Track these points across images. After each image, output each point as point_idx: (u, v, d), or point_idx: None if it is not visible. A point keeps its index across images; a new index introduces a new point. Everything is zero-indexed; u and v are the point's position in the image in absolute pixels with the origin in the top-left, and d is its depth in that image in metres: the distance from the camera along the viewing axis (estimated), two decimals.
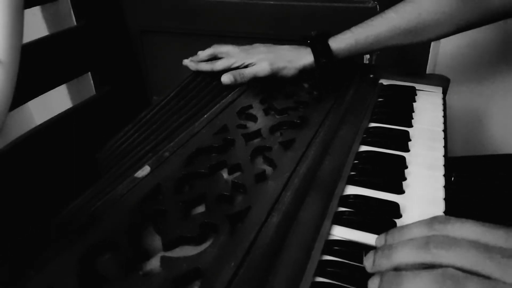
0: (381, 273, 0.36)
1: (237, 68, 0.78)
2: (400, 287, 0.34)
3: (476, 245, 0.33)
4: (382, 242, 0.41)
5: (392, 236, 0.40)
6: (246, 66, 0.77)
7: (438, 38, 0.77)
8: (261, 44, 0.80)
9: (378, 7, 1.01)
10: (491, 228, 0.34)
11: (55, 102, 1.00)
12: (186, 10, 1.18)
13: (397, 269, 0.36)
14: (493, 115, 1.13)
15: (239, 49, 0.79)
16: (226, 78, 0.75)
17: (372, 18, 0.76)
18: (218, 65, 0.79)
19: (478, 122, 1.15)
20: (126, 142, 0.60)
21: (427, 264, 0.35)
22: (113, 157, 0.58)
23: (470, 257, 0.33)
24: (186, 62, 0.85)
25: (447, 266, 0.33)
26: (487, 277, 0.32)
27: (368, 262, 0.39)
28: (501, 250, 0.33)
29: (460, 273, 0.32)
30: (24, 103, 0.79)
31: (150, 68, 1.32)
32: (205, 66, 0.81)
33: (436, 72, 1.07)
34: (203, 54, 0.83)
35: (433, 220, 0.38)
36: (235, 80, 0.75)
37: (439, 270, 0.33)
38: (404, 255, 0.36)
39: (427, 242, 0.35)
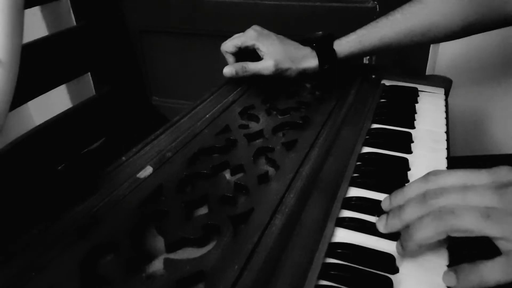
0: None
1: (247, 48, 0.76)
2: (412, 238, 0.40)
3: (463, 188, 0.40)
4: (387, 203, 0.46)
5: (395, 196, 0.45)
6: (254, 50, 0.76)
7: (444, 40, 0.76)
8: (273, 33, 0.78)
9: (377, 7, 1.01)
10: (475, 171, 0.41)
11: (54, 102, 0.99)
12: (186, 10, 1.18)
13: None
14: (493, 116, 1.13)
15: (247, 30, 0.77)
16: (227, 71, 0.74)
17: (377, 20, 0.76)
18: (229, 45, 0.77)
19: (478, 122, 1.15)
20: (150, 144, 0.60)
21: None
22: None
23: (460, 198, 0.39)
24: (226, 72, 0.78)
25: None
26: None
27: (381, 224, 0.45)
28: (484, 185, 0.39)
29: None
30: (24, 103, 0.79)
31: (150, 68, 1.32)
32: (228, 57, 0.78)
33: (436, 73, 1.07)
34: (226, 56, 0.79)
35: (427, 175, 0.44)
36: (237, 73, 0.74)
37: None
38: (411, 212, 0.41)
39: (424, 196, 0.41)
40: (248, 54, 0.77)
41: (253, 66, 0.74)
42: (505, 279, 0.36)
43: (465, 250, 0.42)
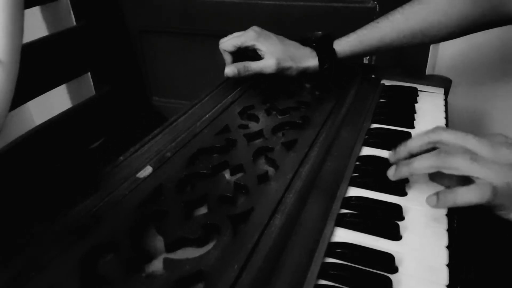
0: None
1: (247, 48, 0.76)
2: (410, 165, 0.48)
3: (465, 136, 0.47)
4: (393, 156, 0.52)
5: (400, 148, 0.52)
6: (254, 50, 0.75)
7: (444, 39, 0.76)
8: (273, 34, 0.77)
9: (377, 7, 1.01)
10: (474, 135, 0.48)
11: (54, 102, 0.99)
12: (186, 10, 1.18)
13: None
14: (493, 116, 1.13)
15: (246, 30, 0.77)
16: (229, 71, 0.74)
17: (377, 20, 0.75)
18: (228, 44, 0.76)
19: (478, 122, 1.15)
20: (148, 143, 0.59)
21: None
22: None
23: (461, 145, 0.46)
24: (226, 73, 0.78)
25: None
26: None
27: (391, 171, 0.51)
28: (482, 140, 0.46)
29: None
30: (24, 103, 0.79)
31: (150, 68, 1.32)
32: (226, 56, 0.77)
33: (436, 73, 1.07)
34: (224, 55, 0.79)
35: (428, 132, 0.50)
36: (239, 73, 0.74)
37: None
38: (419, 163, 0.47)
39: (438, 153, 0.47)
40: (246, 55, 0.77)
41: (255, 65, 0.74)
42: (473, 201, 0.43)
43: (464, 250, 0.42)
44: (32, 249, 0.42)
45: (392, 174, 0.51)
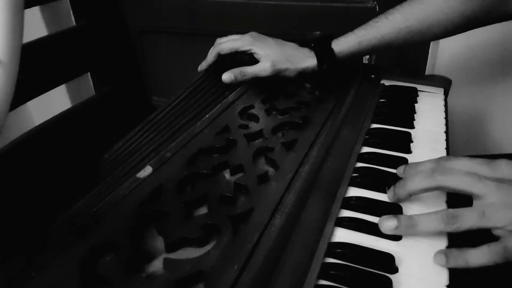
0: (397, 217, 0.45)
1: (243, 52, 0.76)
2: (415, 228, 0.44)
3: (469, 173, 0.45)
4: (401, 171, 0.52)
5: (409, 168, 0.52)
6: (250, 54, 0.76)
7: (444, 37, 0.76)
8: (268, 37, 0.78)
9: (377, 7, 1.01)
10: (478, 161, 0.47)
11: (54, 102, 0.99)
12: (185, 10, 1.18)
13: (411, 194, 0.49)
14: (492, 116, 1.13)
15: (243, 35, 0.78)
16: (226, 77, 0.74)
17: (375, 19, 0.75)
18: (224, 47, 0.77)
19: (477, 122, 1.15)
20: (134, 143, 0.60)
21: (433, 188, 0.47)
22: (119, 158, 0.58)
23: (465, 181, 0.45)
24: (199, 67, 0.82)
25: (448, 188, 0.46)
26: (477, 200, 0.44)
27: (390, 194, 0.50)
28: (487, 177, 0.44)
29: (457, 210, 0.44)
30: (24, 103, 0.79)
31: (150, 68, 1.32)
32: (211, 55, 0.79)
33: (435, 73, 1.07)
34: (210, 54, 0.80)
35: (439, 158, 0.50)
36: (236, 78, 0.74)
37: (443, 212, 0.44)
38: (415, 184, 0.47)
39: (433, 171, 0.47)
40: (241, 60, 0.78)
41: (250, 70, 0.74)
42: (485, 263, 0.42)
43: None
44: (32, 249, 0.42)
45: (391, 195, 0.50)
